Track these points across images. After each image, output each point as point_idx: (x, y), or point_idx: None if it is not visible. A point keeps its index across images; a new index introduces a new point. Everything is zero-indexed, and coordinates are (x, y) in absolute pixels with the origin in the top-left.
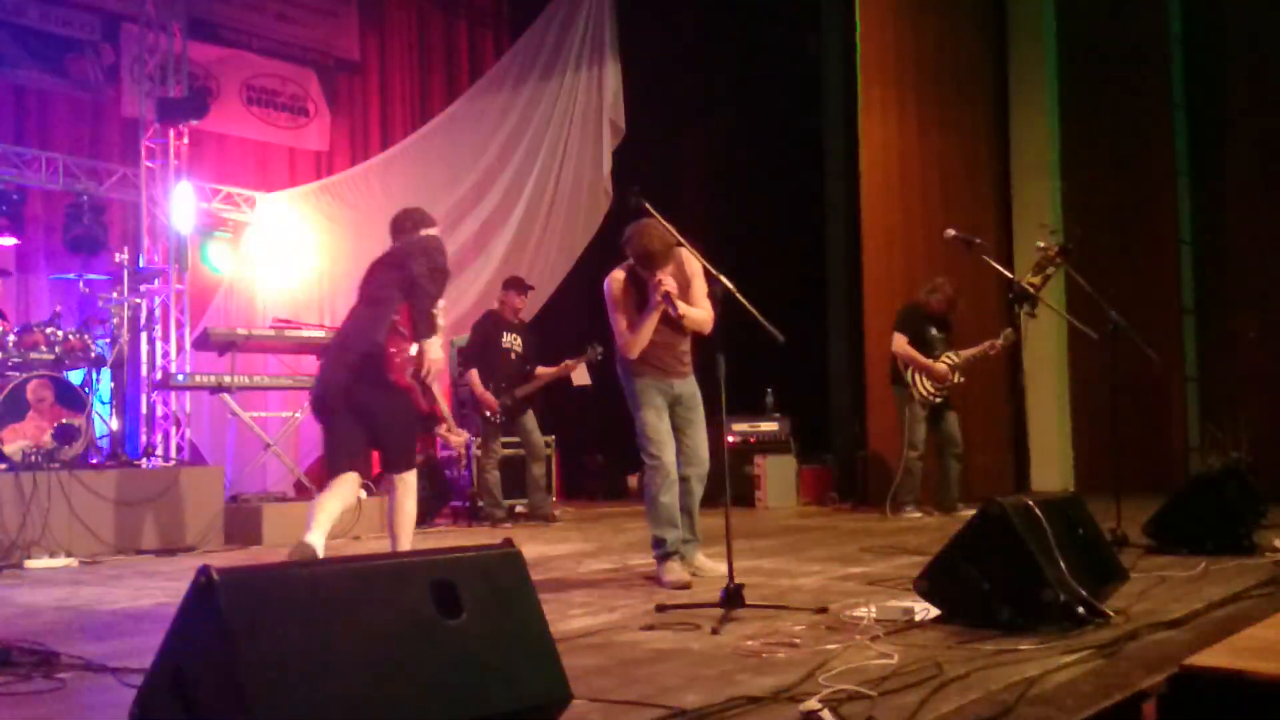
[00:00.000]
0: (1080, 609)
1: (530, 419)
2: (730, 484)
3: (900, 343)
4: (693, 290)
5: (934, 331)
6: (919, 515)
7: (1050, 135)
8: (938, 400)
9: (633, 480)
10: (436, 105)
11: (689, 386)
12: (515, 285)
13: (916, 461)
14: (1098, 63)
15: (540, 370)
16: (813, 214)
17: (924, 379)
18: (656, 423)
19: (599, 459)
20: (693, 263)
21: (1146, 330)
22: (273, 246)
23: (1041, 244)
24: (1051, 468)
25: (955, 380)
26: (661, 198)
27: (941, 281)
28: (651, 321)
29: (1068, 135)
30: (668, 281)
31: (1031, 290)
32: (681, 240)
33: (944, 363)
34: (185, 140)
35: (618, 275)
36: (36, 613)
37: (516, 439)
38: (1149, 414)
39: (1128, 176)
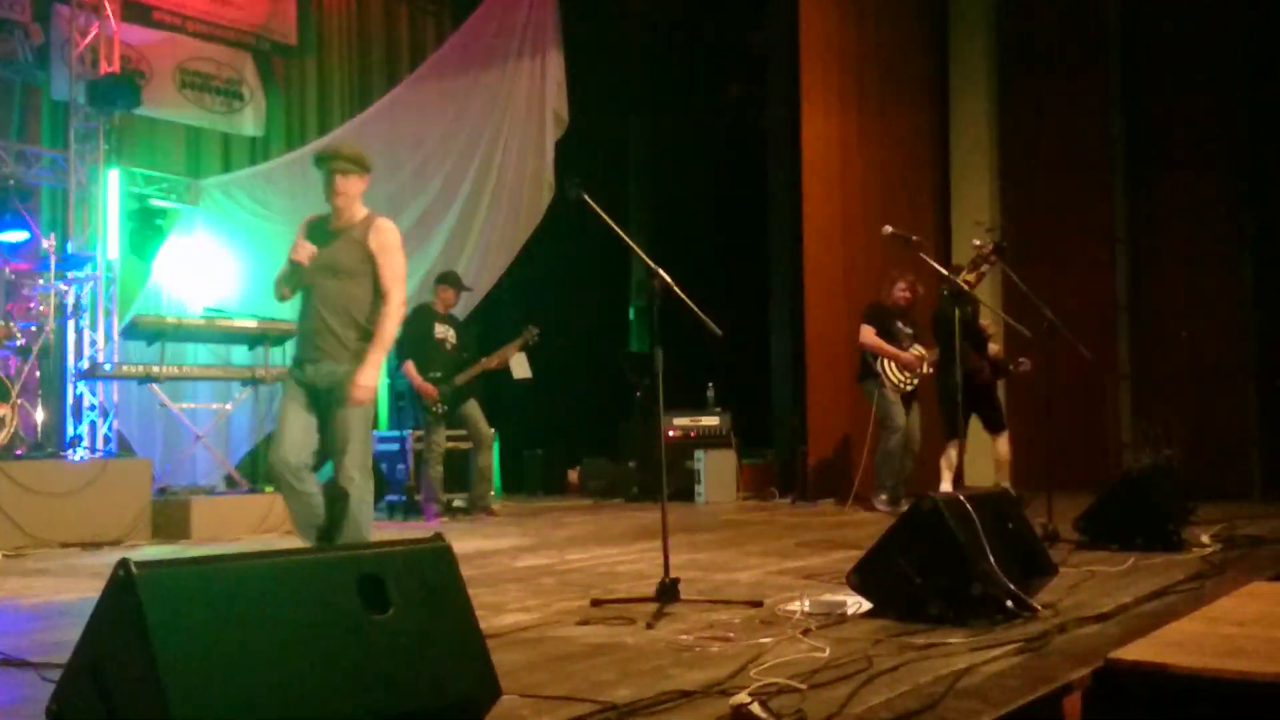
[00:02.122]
0: (1009, 603)
1: (474, 407)
2: (669, 479)
3: (868, 334)
4: (379, 265)
5: (900, 325)
6: (888, 510)
7: (989, 133)
8: (908, 389)
9: (573, 474)
10: (376, 91)
11: (326, 375)
12: (450, 281)
13: (900, 442)
14: (1037, 61)
15: (483, 360)
16: (755, 209)
17: (894, 367)
18: None
19: (539, 453)
20: (386, 235)
21: (1081, 328)
22: (205, 233)
23: (977, 242)
24: (984, 464)
25: (925, 370)
26: (604, 190)
27: (896, 274)
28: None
29: (1006, 133)
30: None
31: (966, 287)
32: (624, 237)
33: (913, 352)
34: (116, 125)
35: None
36: None
37: (460, 431)
38: (1082, 411)
39: (1065, 175)
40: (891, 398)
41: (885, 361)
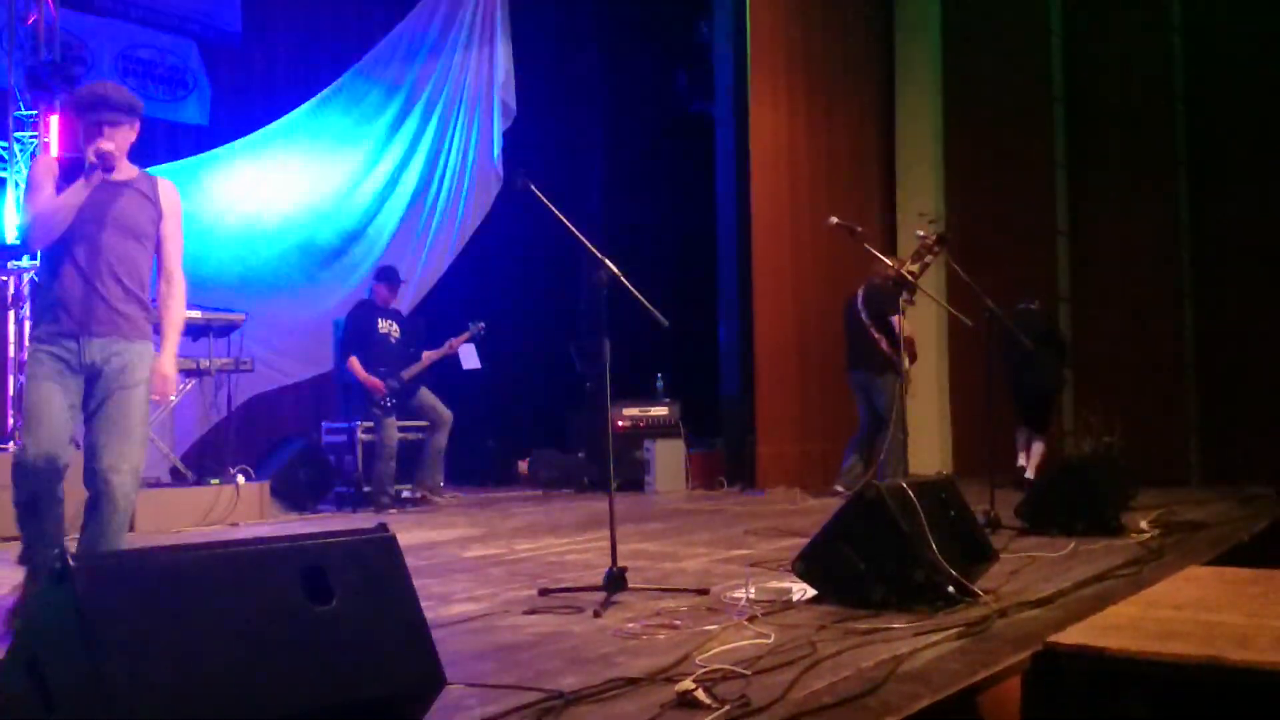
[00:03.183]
0: (951, 588)
1: (427, 394)
2: (618, 468)
3: (907, 326)
4: (167, 235)
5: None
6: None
7: (934, 126)
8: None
9: (522, 465)
10: (323, 80)
11: (115, 355)
12: (386, 276)
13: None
14: (980, 55)
15: (425, 354)
16: (703, 199)
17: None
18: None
19: (489, 444)
20: (175, 196)
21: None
22: None
23: (921, 232)
24: (931, 451)
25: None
26: (551, 181)
27: (900, 261)
28: (76, 194)
29: (951, 126)
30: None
31: (911, 278)
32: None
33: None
34: (57, 112)
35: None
36: None
37: (411, 422)
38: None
39: (1007, 168)
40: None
41: (907, 352)
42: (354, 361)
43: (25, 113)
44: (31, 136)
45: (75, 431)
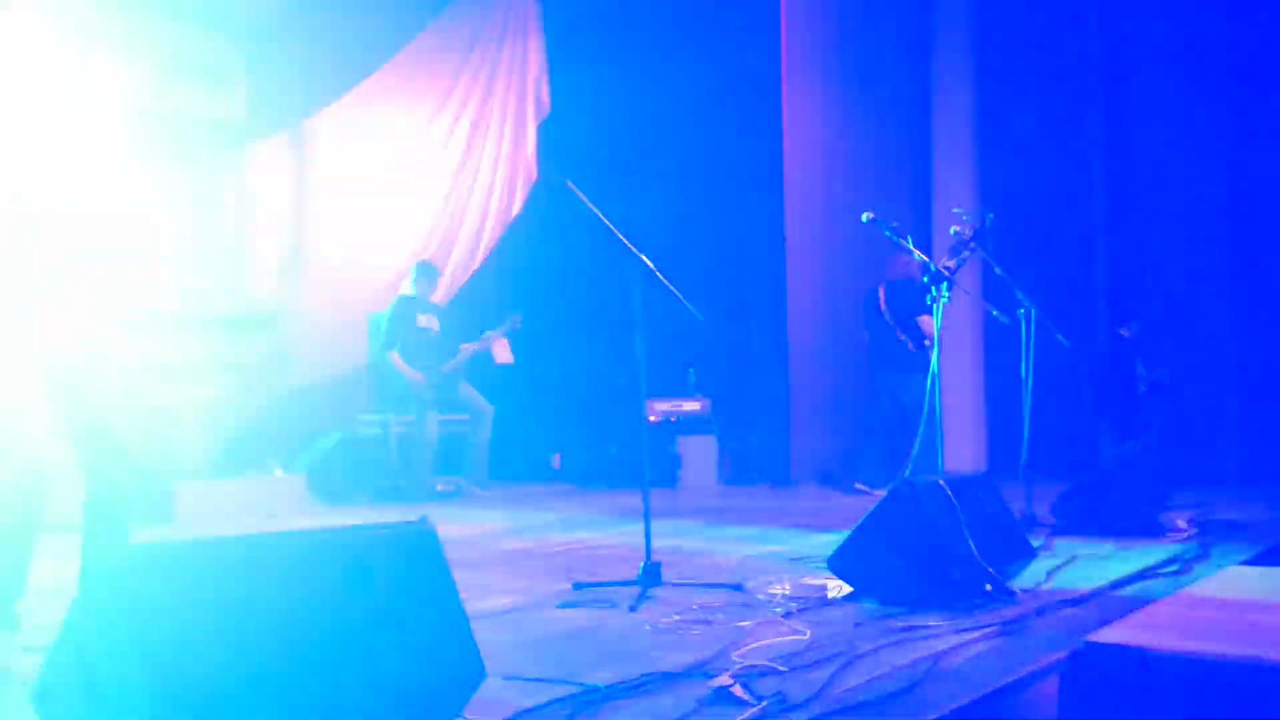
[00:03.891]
0: (988, 586)
1: (467, 388)
2: (651, 463)
3: (931, 324)
4: None
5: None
6: (870, 492)
7: (970, 120)
8: None
9: (555, 459)
10: (357, 76)
11: None
12: (426, 271)
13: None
14: (1018, 48)
15: (463, 346)
16: (737, 193)
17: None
18: None
19: (521, 438)
20: None
21: (1059, 315)
22: None
23: (957, 228)
24: (965, 448)
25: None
26: (586, 174)
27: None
28: None
29: (987, 120)
30: None
31: (947, 274)
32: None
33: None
34: None
35: None
36: None
37: (451, 416)
38: (1061, 396)
39: (1045, 162)
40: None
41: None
42: (395, 355)
43: None
44: None
45: None
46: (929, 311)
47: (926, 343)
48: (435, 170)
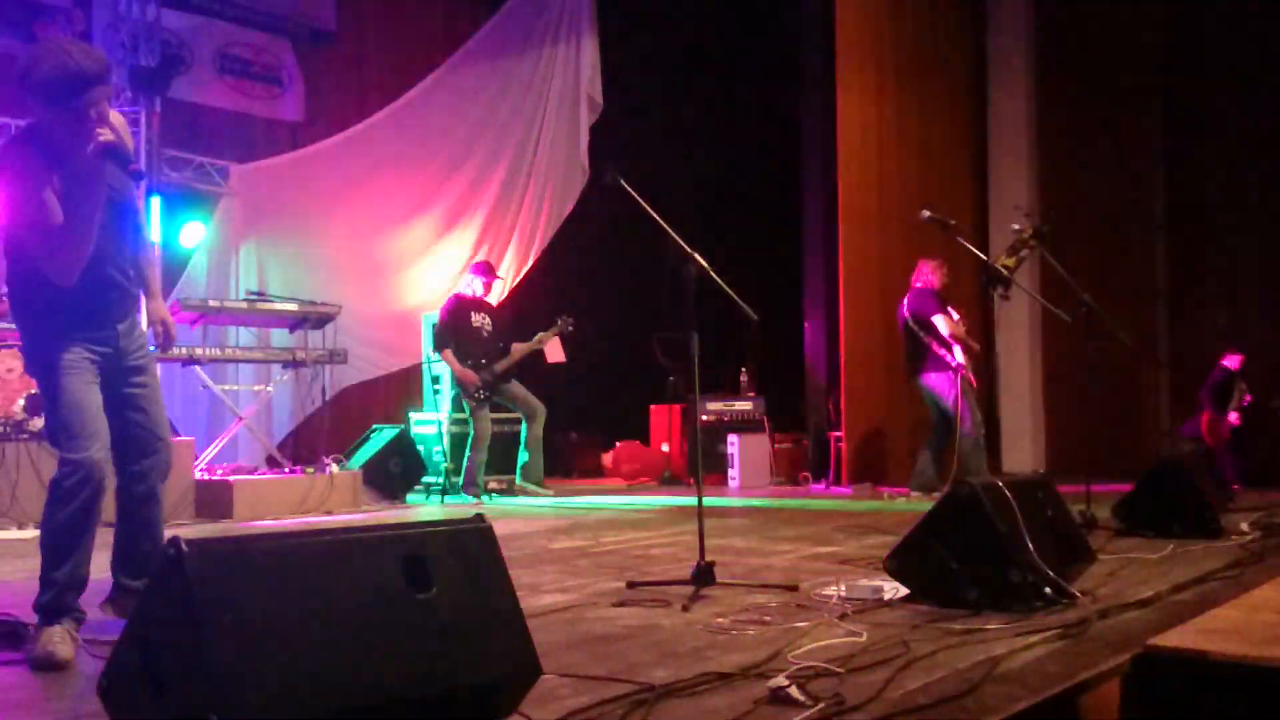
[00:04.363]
0: (1047, 589)
1: (518, 387)
2: (703, 462)
3: (950, 324)
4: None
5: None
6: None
7: (1027, 115)
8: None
9: (606, 458)
10: (413, 77)
11: (138, 340)
12: (483, 271)
13: (981, 438)
14: (1076, 44)
15: (515, 346)
16: (789, 192)
17: (967, 357)
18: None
19: (573, 436)
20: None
21: (1120, 314)
22: (246, 218)
23: (1016, 226)
24: (1023, 450)
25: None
26: (636, 174)
27: (940, 262)
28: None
29: (1045, 117)
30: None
31: (1005, 272)
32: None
33: (971, 342)
34: (158, 110)
35: (18, 146)
36: (3, 584)
37: (503, 415)
38: (1121, 397)
39: (1104, 159)
40: (970, 388)
41: (960, 351)
42: (449, 354)
43: (127, 110)
44: (134, 133)
45: None
46: (942, 309)
47: (949, 347)
48: (489, 170)
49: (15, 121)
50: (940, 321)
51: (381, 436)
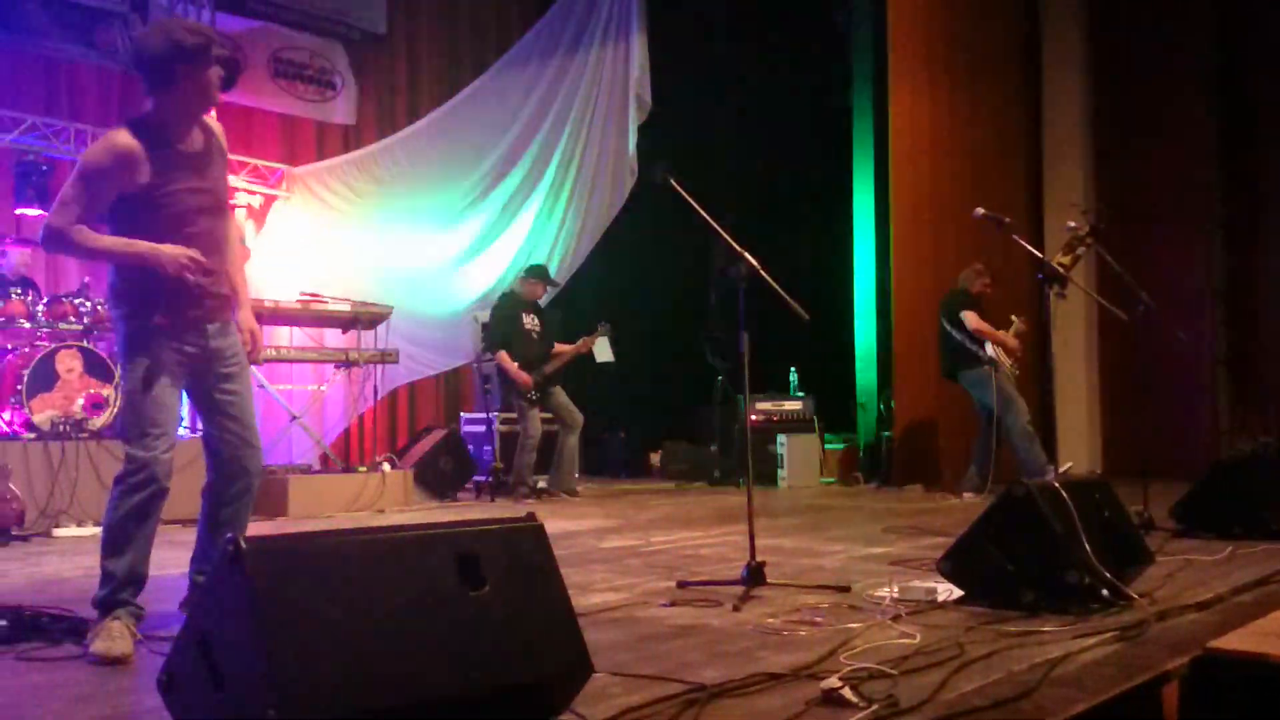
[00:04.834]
0: (1105, 591)
1: (561, 394)
2: (753, 462)
3: (975, 319)
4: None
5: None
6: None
7: (1083, 112)
8: (1015, 373)
9: (654, 457)
10: (464, 78)
11: (230, 339)
12: (540, 275)
13: (1029, 426)
14: (1131, 39)
15: (560, 347)
16: (841, 191)
17: (1002, 353)
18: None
19: (621, 436)
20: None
21: (1177, 311)
22: (299, 219)
23: (1072, 224)
24: (1079, 450)
25: (1020, 355)
26: (687, 173)
27: (981, 268)
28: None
29: (1100, 113)
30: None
31: (1061, 270)
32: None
33: (1015, 334)
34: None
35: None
36: (65, 581)
37: (549, 415)
38: (1178, 397)
39: (1161, 155)
40: (1009, 381)
41: (994, 346)
42: (504, 355)
43: None
44: None
45: None
46: (972, 308)
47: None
48: (537, 170)
49: (90, 127)
50: (966, 317)
51: (432, 435)
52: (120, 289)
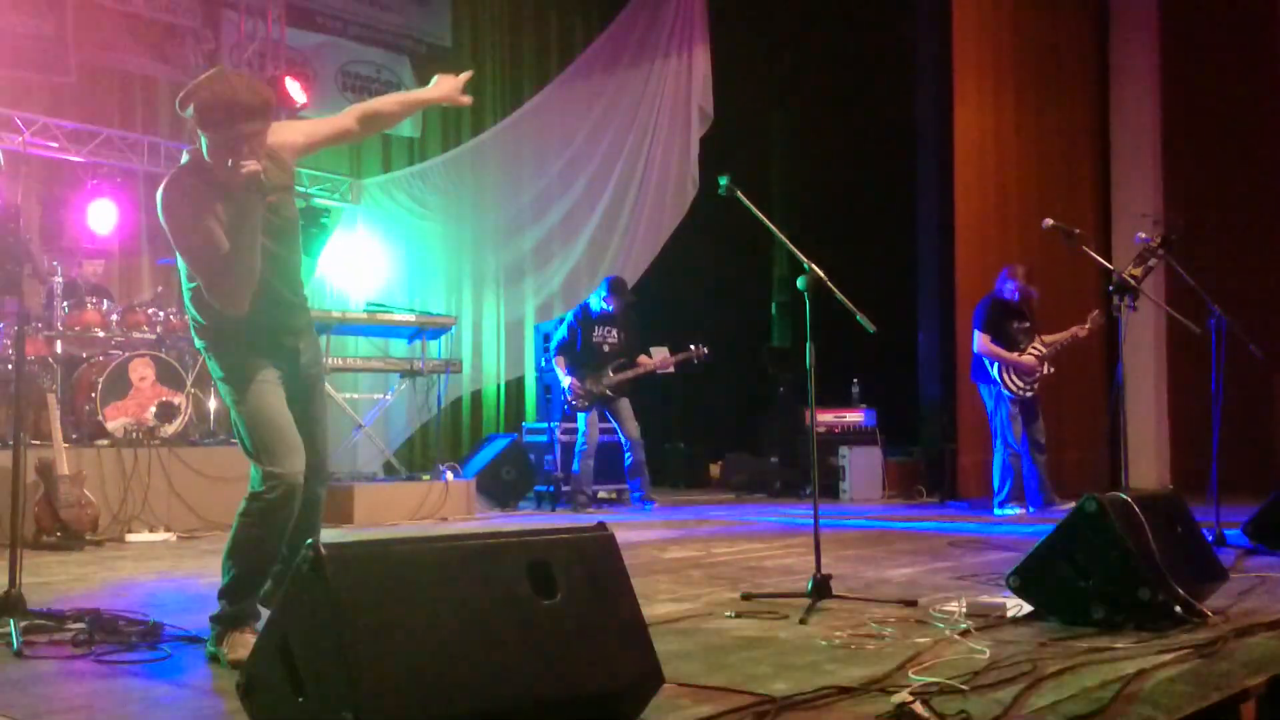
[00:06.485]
0: (1178, 608)
1: (625, 406)
2: (817, 474)
3: (985, 341)
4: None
5: (1015, 325)
6: (1019, 512)
7: (1152, 122)
8: (1029, 395)
9: (715, 468)
10: (526, 91)
11: (314, 355)
12: (618, 289)
13: (1015, 460)
14: (1202, 48)
15: (640, 360)
16: (904, 202)
17: (1012, 375)
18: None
19: (680, 447)
20: (289, 137)
21: (1251, 324)
22: (366, 231)
23: (1144, 235)
24: (1149, 464)
25: (1045, 371)
26: (749, 184)
27: (1013, 270)
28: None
29: (1170, 122)
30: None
31: (1132, 282)
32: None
33: (1031, 355)
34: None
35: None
36: (138, 585)
37: (610, 425)
38: (1252, 410)
39: (1231, 165)
40: (1012, 410)
41: (1004, 368)
42: (559, 361)
43: None
44: None
45: None
46: (1005, 341)
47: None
48: (600, 181)
49: (163, 141)
50: (975, 336)
51: (495, 445)
52: (204, 319)
